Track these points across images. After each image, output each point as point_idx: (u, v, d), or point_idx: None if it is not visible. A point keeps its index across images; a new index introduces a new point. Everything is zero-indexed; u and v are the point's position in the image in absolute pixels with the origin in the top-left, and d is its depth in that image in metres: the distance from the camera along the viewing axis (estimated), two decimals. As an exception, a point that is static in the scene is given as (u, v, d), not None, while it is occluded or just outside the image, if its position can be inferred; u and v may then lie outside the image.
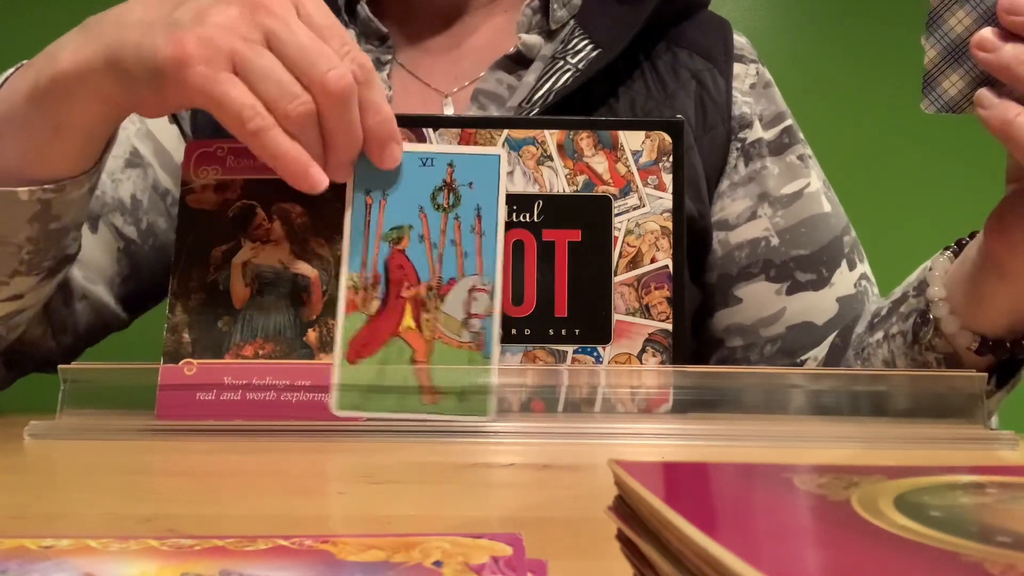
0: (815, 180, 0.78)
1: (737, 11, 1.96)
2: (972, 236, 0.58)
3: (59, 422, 0.51)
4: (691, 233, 0.74)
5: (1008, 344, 0.56)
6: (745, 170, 0.77)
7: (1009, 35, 0.47)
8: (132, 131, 0.73)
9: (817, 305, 0.74)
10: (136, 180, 0.73)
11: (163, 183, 0.74)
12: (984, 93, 0.48)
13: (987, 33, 0.47)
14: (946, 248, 0.60)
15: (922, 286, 0.61)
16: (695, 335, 0.79)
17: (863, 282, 0.76)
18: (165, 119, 0.75)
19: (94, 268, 0.70)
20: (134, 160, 0.73)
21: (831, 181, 0.80)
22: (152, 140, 0.74)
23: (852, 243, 0.77)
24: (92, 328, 0.71)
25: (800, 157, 0.78)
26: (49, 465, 0.45)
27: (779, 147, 0.78)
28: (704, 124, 0.76)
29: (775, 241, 0.75)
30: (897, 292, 0.66)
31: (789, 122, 0.79)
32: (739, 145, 0.77)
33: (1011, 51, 0.46)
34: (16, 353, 0.66)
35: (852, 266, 0.76)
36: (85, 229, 0.69)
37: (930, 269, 0.59)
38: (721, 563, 0.17)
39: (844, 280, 0.75)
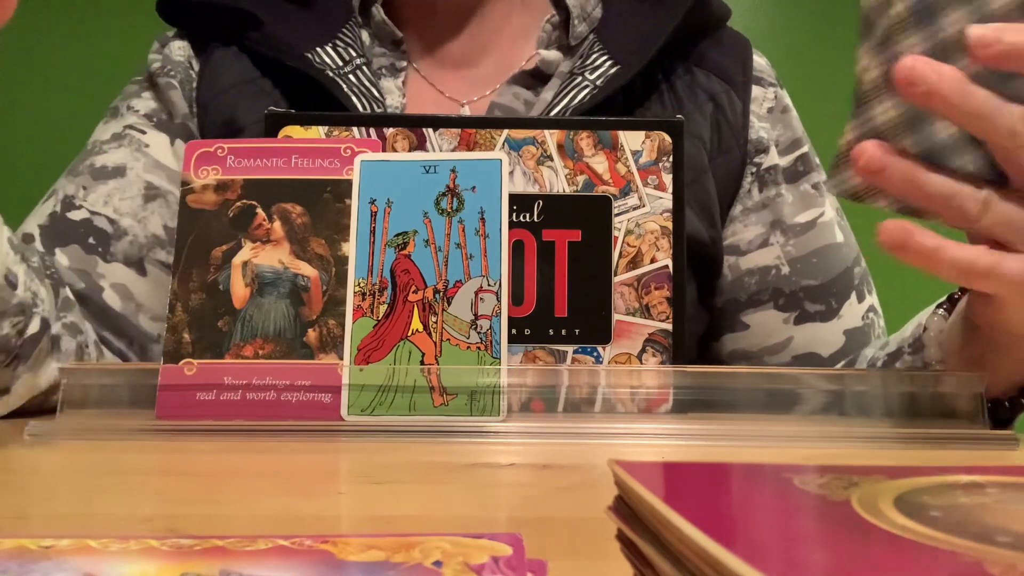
0: (829, 209, 0.77)
1: (737, 11, 1.96)
2: (963, 291, 0.57)
3: (59, 422, 0.51)
4: (703, 259, 0.73)
5: (1007, 404, 0.55)
6: (759, 196, 0.76)
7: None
8: (139, 168, 0.73)
9: (824, 337, 0.74)
10: (161, 211, 0.73)
11: None
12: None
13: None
14: (939, 305, 0.59)
15: (917, 344, 0.60)
16: (701, 359, 0.78)
17: (871, 315, 0.76)
18: (165, 144, 0.74)
19: (158, 307, 0.71)
20: (151, 194, 0.72)
21: (831, 185, 0.80)
22: (161, 168, 0.74)
23: (862, 274, 0.77)
24: None
25: (815, 186, 0.77)
26: (49, 465, 0.45)
27: (794, 175, 0.77)
28: (719, 147, 0.75)
29: (786, 270, 0.75)
30: (892, 345, 0.66)
31: (805, 149, 0.78)
32: (754, 170, 0.76)
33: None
34: None
35: (861, 298, 0.75)
36: (134, 275, 0.70)
37: (925, 329, 0.59)
38: (721, 563, 0.17)
39: (852, 312, 0.75)
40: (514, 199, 0.58)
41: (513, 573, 0.24)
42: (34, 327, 0.58)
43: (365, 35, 0.77)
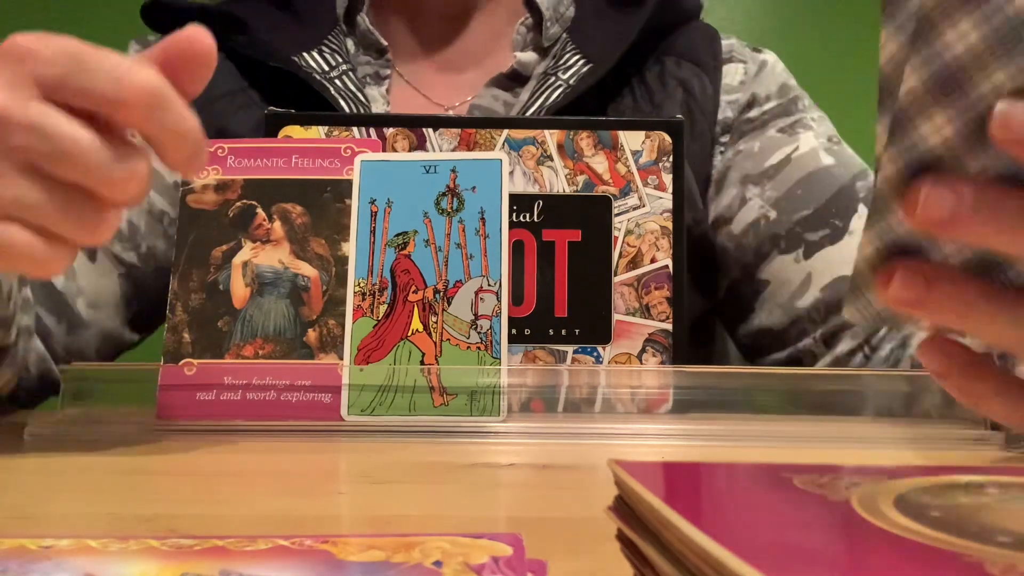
0: (808, 141, 0.75)
1: (736, 12, 1.96)
2: None
3: (59, 422, 0.51)
4: (690, 240, 0.72)
5: None
6: (721, 164, 0.77)
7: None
8: None
9: (841, 257, 0.71)
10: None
11: (158, 205, 0.74)
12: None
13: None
14: None
15: None
16: (703, 342, 0.78)
17: None
18: None
19: (97, 295, 0.71)
20: None
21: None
22: None
23: (871, 186, 0.74)
24: (102, 352, 0.72)
25: (788, 127, 0.77)
26: (49, 465, 0.45)
27: (760, 123, 0.77)
28: (692, 131, 0.76)
29: (773, 214, 0.74)
30: None
31: (773, 102, 0.78)
32: (721, 149, 0.77)
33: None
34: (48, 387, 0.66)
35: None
36: (83, 259, 0.70)
37: None
38: (721, 563, 0.17)
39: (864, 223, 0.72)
40: (514, 199, 0.58)
41: (513, 573, 0.24)
42: (9, 339, 0.57)
43: (350, 43, 0.78)
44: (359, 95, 0.73)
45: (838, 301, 0.71)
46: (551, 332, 0.57)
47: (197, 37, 0.41)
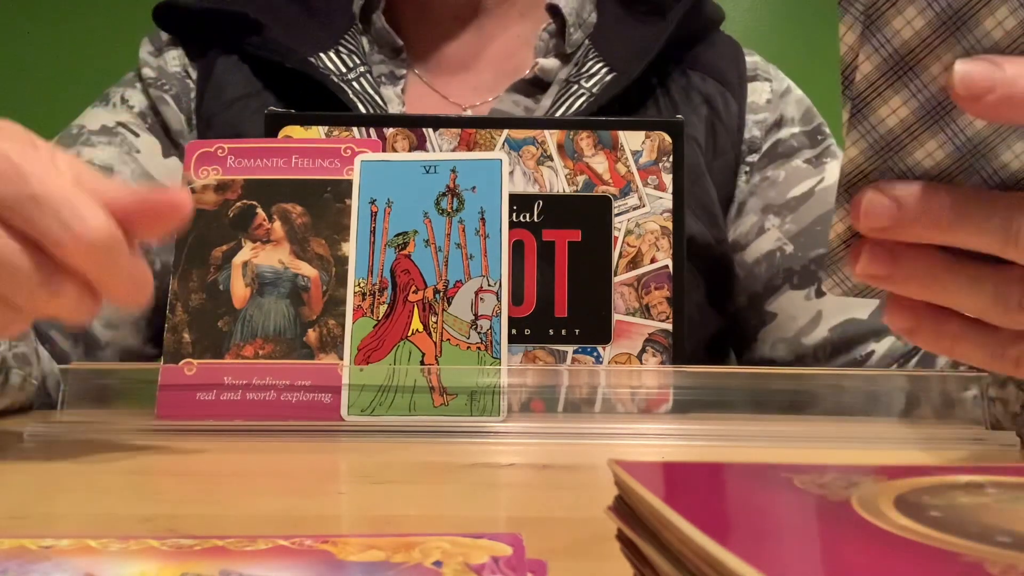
0: (834, 172, 0.75)
1: (737, 11, 1.96)
2: None
3: (59, 422, 0.51)
4: (711, 260, 0.73)
5: None
6: (746, 188, 0.77)
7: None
8: (127, 173, 0.72)
9: (854, 299, 0.71)
10: None
11: None
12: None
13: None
14: None
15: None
16: (719, 359, 0.78)
17: None
18: (159, 153, 0.74)
19: (114, 315, 0.71)
20: None
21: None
22: (149, 180, 0.73)
23: None
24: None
25: (815, 158, 0.76)
26: (49, 465, 0.45)
27: (787, 151, 0.77)
28: (715, 149, 0.75)
29: (790, 248, 0.73)
30: None
31: (798, 127, 0.78)
32: (747, 169, 0.77)
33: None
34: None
35: None
36: None
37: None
38: (721, 563, 0.17)
39: None
40: (514, 199, 0.58)
41: (513, 573, 0.24)
42: None
43: (365, 42, 0.78)
44: (376, 97, 0.73)
45: (846, 342, 0.71)
46: (551, 332, 0.57)
47: (180, 203, 0.40)
